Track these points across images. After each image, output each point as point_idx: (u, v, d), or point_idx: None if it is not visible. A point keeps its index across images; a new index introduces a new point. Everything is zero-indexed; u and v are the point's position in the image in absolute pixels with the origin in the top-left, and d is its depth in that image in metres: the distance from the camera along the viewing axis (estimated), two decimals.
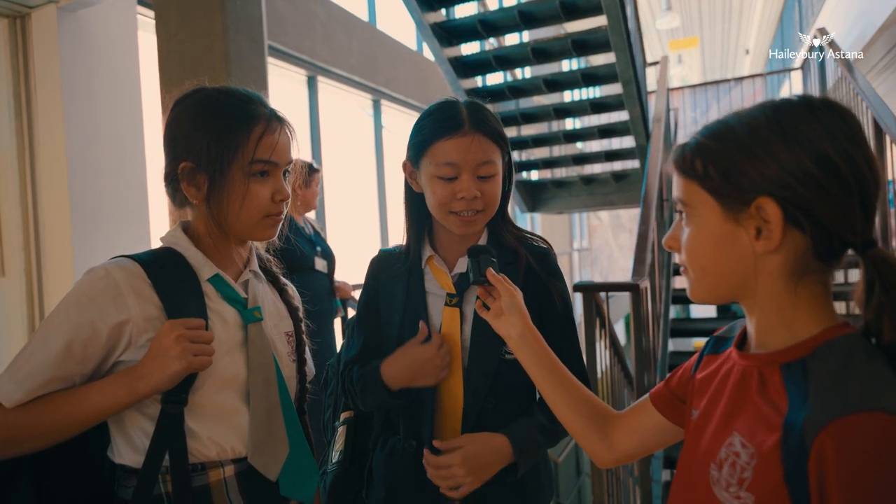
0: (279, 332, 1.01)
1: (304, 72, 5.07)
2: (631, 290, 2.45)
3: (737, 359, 0.69)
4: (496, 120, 1.07)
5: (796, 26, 8.49)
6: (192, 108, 0.90)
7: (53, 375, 0.81)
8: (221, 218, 0.90)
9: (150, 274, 0.86)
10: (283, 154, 0.92)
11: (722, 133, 0.65)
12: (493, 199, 1.05)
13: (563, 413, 0.89)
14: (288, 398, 0.97)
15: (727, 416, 0.65)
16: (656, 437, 0.84)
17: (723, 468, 0.62)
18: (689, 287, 0.71)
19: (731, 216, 0.64)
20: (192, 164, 0.89)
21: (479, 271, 0.96)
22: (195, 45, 2.55)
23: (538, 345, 0.92)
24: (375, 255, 1.19)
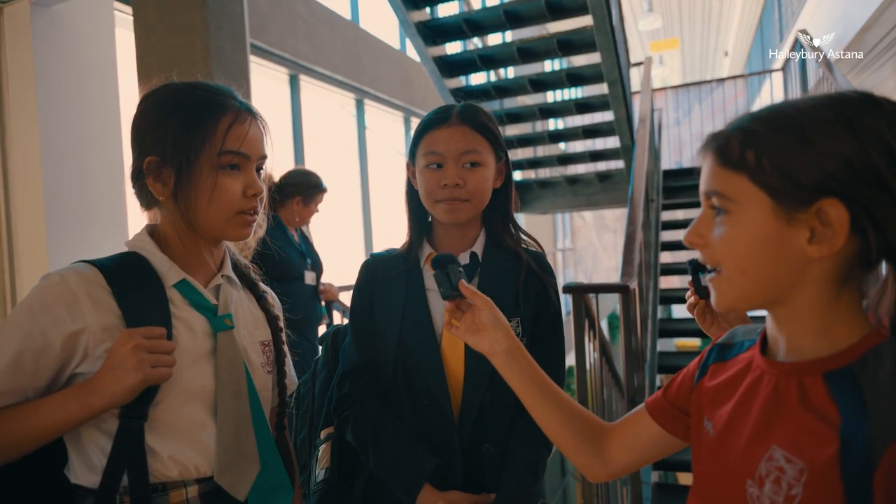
0: (253, 341, 0.95)
1: (286, 70, 4.99)
2: (621, 291, 2.43)
3: (765, 367, 0.64)
4: (489, 118, 1.10)
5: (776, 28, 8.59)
6: (159, 101, 0.86)
7: (2, 388, 0.76)
8: (190, 214, 0.84)
9: (109, 280, 0.81)
10: (254, 146, 0.87)
11: (777, 121, 0.59)
12: (478, 188, 1.06)
13: (554, 430, 0.83)
14: (260, 412, 0.91)
15: (762, 428, 0.61)
16: (653, 448, 0.80)
17: (764, 485, 0.58)
18: (717, 291, 0.64)
19: (784, 216, 0.58)
20: (158, 157, 0.84)
21: (451, 284, 0.85)
22: (175, 42, 2.49)
23: (525, 360, 0.85)
24: (367, 259, 1.16)
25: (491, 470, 1.06)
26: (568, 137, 5.43)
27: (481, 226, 1.14)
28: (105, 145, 3.10)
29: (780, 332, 0.64)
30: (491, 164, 1.08)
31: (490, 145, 1.08)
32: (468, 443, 1.06)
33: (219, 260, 0.94)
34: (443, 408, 1.05)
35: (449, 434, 1.05)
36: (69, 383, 0.80)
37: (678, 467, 3.02)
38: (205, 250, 0.90)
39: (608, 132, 5.01)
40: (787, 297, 0.61)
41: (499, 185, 1.12)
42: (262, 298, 1.00)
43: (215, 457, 0.84)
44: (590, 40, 3.84)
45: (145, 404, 0.79)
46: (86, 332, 0.78)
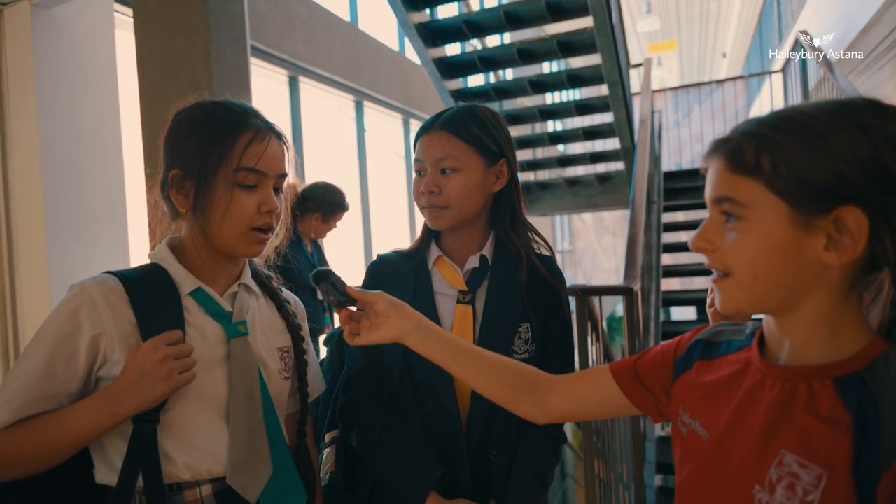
0: (271, 348, 0.97)
1: (285, 72, 4.98)
2: (624, 293, 2.42)
3: (767, 370, 0.64)
4: (478, 122, 1.07)
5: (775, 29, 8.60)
6: (187, 117, 0.91)
7: (37, 395, 0.80)
8: (205, 226, 0.88)
9: (128, 290, 0.85)
10: (271, 164, 0.90)
11: (792, 127, 0.58)
12: (456, 195, 1.05)
13: (488, 387, 0.85)
14: (274, 417, 0.93)
15: (768, 432, 0.61)
16: (602, 407, 0.82)
17: (775, 490, 0.58)
18: (724, 294, 0.64)
19: (801, 222, 0.58)
20: (181, 171, 0.88)
21: (339, 290, 0.85)
22: (176, 43, 2.47)
23: (436, 330, 0.87)
24: (374, 260, 1.16)
25: (498, 477, 1.05)
26: (568, 139, 5.42)
27: (490, 228, 1.13)
28: (105, 148, 3.08)
29: (784, 336, 0.64)
30: (474, 169, 1.06)
31: (475, 149, 1.06)
32: (476, 450, 1.04)
33: (237, 270, 0.96)
34: (451, 414, 1.03)
35: (457, 440, 1.03)
36: (97, 387, 0.84)
37: None
38: (222, 262, 0.93)
39: (608, 134, 5.00)
40: (796, 302, 0.61)
41: (499, 187, 1.10)
42: (282, 307, 1.02)
43: (227, 459, 0.86)
44: (590, 41, 3.83)
45: (157, 409, 0.82)
46: (104, 337, 0.82)
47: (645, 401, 0.79)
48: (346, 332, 0.87)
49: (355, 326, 0.87)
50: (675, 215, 5.66)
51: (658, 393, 0.78)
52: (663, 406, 0.78)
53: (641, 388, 0.79)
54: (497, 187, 1.09)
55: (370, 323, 0.86)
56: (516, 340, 1.06)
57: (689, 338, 0.77)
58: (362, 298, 0.86)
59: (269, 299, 1.02)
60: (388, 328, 0.85)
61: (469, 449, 1.04)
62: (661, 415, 0.79)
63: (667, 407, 0.77)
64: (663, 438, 3.25)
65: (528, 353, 1.06)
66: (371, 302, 0.86)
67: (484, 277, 1.09)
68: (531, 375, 0.86)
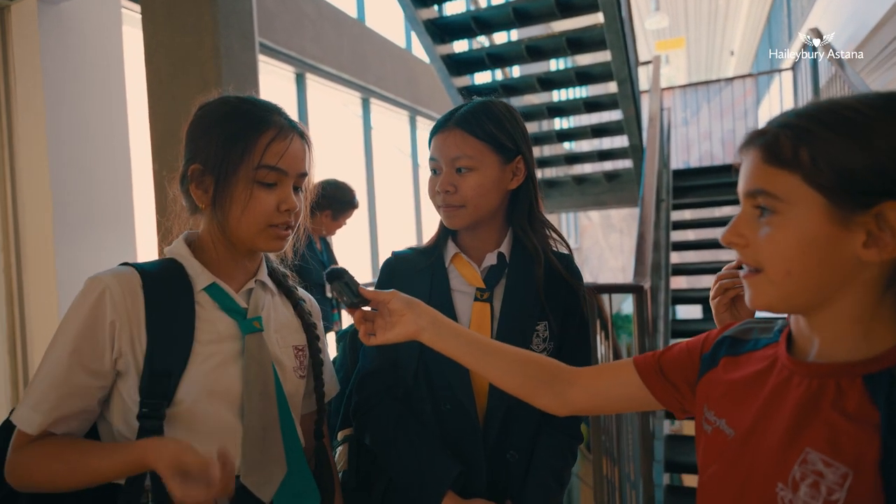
0: (286, 345, 0.96)
1: (292, 69, 4.97)
2: (635, 291, 2.40)
3: (794, 367, 0.62)
4: (494, 119, 1.05)
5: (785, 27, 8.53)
6: (210, 112, 0.90)
7: (67, 391, 0.80)
8: (224, 222, 0.88)
9: (145, 283, 0.85)
10: (292, 163, 0.89)
11: (832, 120, 0.57)
12: (472, 194, 1.03)
13: (506, 380, 0.84)
14: (289, 415, 0.91)
15: (793, 430, 0.59)
16: (624, 401, 0.81)
17: (799, 489, 0.57)
18: (754, 290, 0.62)
19: (839, 218, 0.56)
20: (201, 166, 0.88)
21: (353, 291, 0.84)
22: (184, 40, 2.47)
23: (453, 325, 0.86)
24: (389, 258, 1.14)
25: (515, 477, 1.04)
26: (576, 136, 5.39)
27: (507, 226, 1.11)
28: (112, 144, 3.08)
29: (813, 334, 0.62)
30: (490, 167, 1.04)
31: (490, 147, 1.04)
32: (493, 449, 1.03)
33: (255, 266, 0.96)
34: (468, 412, 1.02)
35: (474, 440, 1.02)
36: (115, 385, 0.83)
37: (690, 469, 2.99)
38: (239, 258, 0.92)
39: (616, 131, 4.97)
40: (829, 299, 0.59)
41: (515, 185, 1.08)
42: (298, 305, 1.01)
43: (241, 457, 0.85)
44: (599, 38, 3.80)
45: (162, 406, 0.81)
46: (117, 325, 0.81)
47: (668, 395, 0.78)
48: (361, 333, 0.86)
49: (370, 326, 0.86)
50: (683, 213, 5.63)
51: (682, 388, 0.77)
52: (687, 402, 0.77)
53: (665, 383, 0.78)
54: (514, 185, 1.08)
55: (385, 322, 0.85)
56: (534, 339, 1.05)
57: (717, 334, 0.76)
58: (375, 298, 0.85)
59: (285, 297, 1.01)
60: (404, 326, 0.84)
61: (486, 448, 1.02)
62: (684, 410, 0.78)
63: (690, 403, 0.76)
64: (671, 437, 3.23)
65: (545, 352, 1.05)
66: (385, 301, 0.85)
67: (502, 275, 1.08)
68: (551, 367, 0.85)
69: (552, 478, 1.04)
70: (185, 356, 0.83)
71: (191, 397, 0.82)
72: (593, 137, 5.23)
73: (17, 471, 0.80)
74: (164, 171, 2.50)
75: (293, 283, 1.04)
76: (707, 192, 5.25)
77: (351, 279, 0.85)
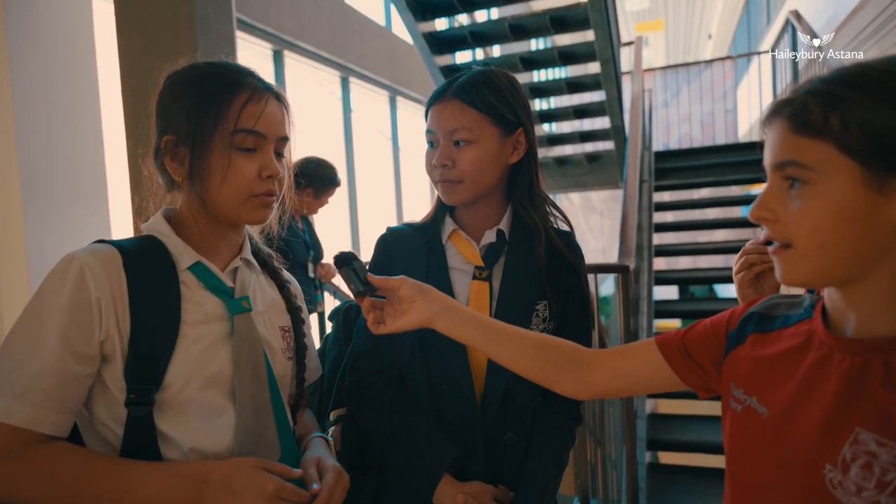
0: (273, 326, 0.91)
1: (269, 45, 4.85)
2: (620, 271, 2.39)
3: (834, 343, 0.60)
4: (494, 89, 1.00)
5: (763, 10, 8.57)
6: (178, 79, 0.84)
7: (61, 379, 0.72)
8: (204, 195, 0.82)
9: (125, 261, 0.78)
10: (271, 126, 0.83)
11: (862, 83, 0.54)
12: (470, 168, 0.99)
13: (528, 367, 0.82)
14: (279, 398, 0.88)
15: (839, 409, 0.57)
16: (647, 381, 0.79)
17: (849, 470, 0.54)
18: (785, 266, 0.60)
19: (875, 184, 0.54)
20: (174, 136, 0.82)
21: (360, 279, 0.80)
22: (157, 10, 2.37)
23: (466, 311, 0.83)
24: (385, 233, 1.10)
25: (512, 459, 1.02)
26: (558, 117, 5.37)
27: (507, 201, 1.07)
28: (84, 120, 2.97)
29: (849, 309, 0.60)
30: (490, 140, 0.99)
31: (490, 120, 0.99)
32: (490, 431, 1.00)
33: (238, 243, 0.90)
34: (466, 394, 0.99)
35: (471, 421, 0.99)
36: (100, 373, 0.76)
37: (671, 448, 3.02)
38: (223, 233, 0.87)
39: (598, 112, 4.96)
40: (866, 272, 0.57)
41: (516, 159, 1.03)
42: (284, 287, 0.96)
43: (234, 442, 0.81)
44: (583, 17, 3.77)
45: (151, 391, 0.75)
46: (102, 303, 0.75)
47: (693, 375, 0.76)
48: (369, 321, 0.82)
49: (379, 314, 0.82)
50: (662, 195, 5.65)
51: (708, 368, 0.75)
52: (713, 381, 0.75)
53: (690, 363, 0.76)
54: (514, 159, 1.03)
55: (394, 309, 0.82)
56: (534, 318, 1.02)
57: (742, 311, 0.73)
58: (384, 286, 0.81)
59: (270, 278, 0.97)
60: (416, 313, 0.81)
61: (483, 430, 1.00)
62: (709, 390, 0.76)
63: (716, 382, 0.74)
64: (654, 416, 3.27)
65: (545, 332, 1.02)
66: (394, 288, 0.81)
67: (501, 253, 1.04)
68: (570, 350, 0.83)
69: (551, 460, 1.02)
70: (172, 339, 0.78)
71: (180, 381, 0.77)
72: (575, 119, 5.21)
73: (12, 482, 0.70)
74: (138, 147, 2.41)
75: (278, 264, 0.99)
76: (686, 174, 5.28)
77: (360, 266, 0.81)
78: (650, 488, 2.75)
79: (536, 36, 4.15)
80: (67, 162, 2.87)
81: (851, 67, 0.57)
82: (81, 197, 2.92)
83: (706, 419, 3.16)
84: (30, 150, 2.72)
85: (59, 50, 2.87)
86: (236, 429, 0.81)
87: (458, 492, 0.94)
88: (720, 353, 0.73)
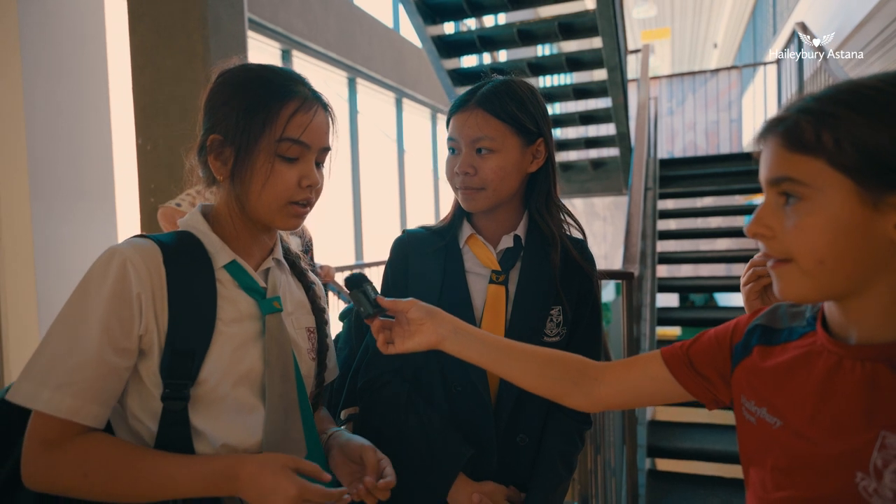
0: (300, 327, 0.93)
1: (278, 45, 4.88)
2: (624, 277, 2.40)
3: (843, 352, 0.61)
4: (516, 99, 1.02)
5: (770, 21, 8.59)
6: (230, 79, 0.86)
7: (101, 371, 0.74)
8: (243, 197, 0.84)
9: (165, 256, 0.80)
10: (315, 136, 0.85)
11: (852, 99, 0.56)
12: (492, 176, 1.01)
13: (532, 382, 0.83)
14: (305, 397, 0.90)
15: (861, 416, 0.58)
16: (652, 395, 0.80)
17: (883, 476, 0.55)
18: (783, 281, 0.60)
19: (869, 200, 0.55)
20: (221, 136, 0.84)
21: (370, 300, 0.83)
22: (170, 8, 2.39)
23: (473, 332, 0.84)
24: (401, 235, 1.11)
25: (524, 460, 1.03)
26: (564, 123, 5.38)
27: (524, 208, 1.09)
28: (94, 115, 2.99)
29: (850, 322, 0.61)
30: (512, 149, 1.01)
31: (512, 129, 1.01)
32: (503, 432, 1.02)
33: (271, 243, 0.92)
34: (481, 395, 1.00)
35: (486, 422, 1.00)
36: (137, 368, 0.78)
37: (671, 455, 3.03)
38: (257, 234, 0.89)
39: (604, 119, 4.97)
40: (864, 286, 0.58)
41: (535, 168, 1.06)
42: (310, 289, 0.98)
43: (262, 438, 0.82)
44: (591, 24, 3.78)
45: (186, 386, 0.77)
46: (142, 297, 0.77)
47: (699, 388, 0.76)
48: (379, 342, 0.84)
49: (388, 335, 0.84)
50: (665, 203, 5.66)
51: (714, 380, 0.75)
52: (720, 393, 0.75)
53: (695, 376, 0.76)
54: (533, 168, 1.05)
55: (403, 331, 0.84)
56: (548, 323, 1.03)
57: (746, 322, 0.74)
58: (394, 308, 0.83)
59: (297, 280, 0.98)
60: (424, 335, 0.83)
61: (497, 430, 1.01)
62: (717, 401, 0.76)
63: (724, 394, 0.75)
64: (654, 423, 3.28)
65: (559, 337, 1.04)
66: (403, 310, 0.83)
67: (517, 258, 1.06)
68: (577, 364, 0.84)
69: (561, 463, 1.03)
70: (208, 335, 0.79)
71: (215, 378, 0.79)
72: (581, 125, 5.23)
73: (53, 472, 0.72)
74: (147, 145, 2.43)
75: (306, 266, 1.01)
76: (690, 182, 5.29)
77: (371, 287, 0.83)
78: (650, 495, 2.75)
79: (544, 42, 4.17)
80: (76, 159, 2.89)
81: (843, 85, 0.58)
82: (89, 193, 2.94)
83: (706, 427, 3.16)
84: (39, 147, 2.74)
85: (70, 48, 2.89)
86: (265, 426, 0.83)
87: (474, 491, 0.96)
88: (726, 365, 0.74)
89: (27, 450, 0.73)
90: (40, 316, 2.77)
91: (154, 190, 2.39)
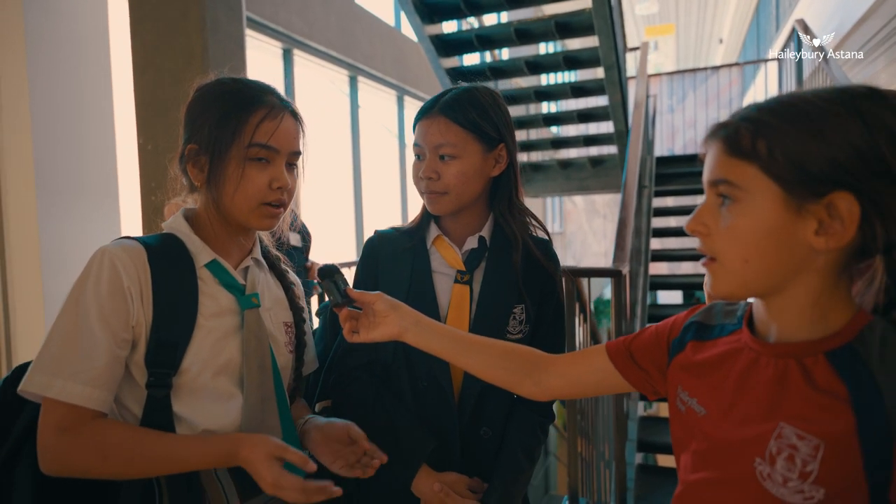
0: (278, 322, 1.00)
1: (279, 44, 4.92)
2: (613, 275, 2.44)
3: (760, 349, 0.66)
4: (478, 107, 1.06)
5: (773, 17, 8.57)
6: (206, 93, 0.93)
7: (110, 360, 0.81)
8: (219, 200, 0.91)
9: (150, 256, 0.87)
10: (284, 141, 0.92)
11: (788, 113, 0.60)
12: (454, 181, 1.05)
13: (488, 373, 0.89)
14: (282, 388, 0.96)
15: (767, 407, 0.63)
16: (597, 386, 0.86)
17: (776, 462, 0.60)
18: (714, 278, 0.66)
19: (793, 206, 0.59)
20: (197, 146, 0.91)
21: (340, 291, 0.88)
22: (170, 11, 2.44)
23: (433, 325, 0.90)
24: (372, 236, 1.16)
25: (487, 453, 1.08)
26: (562, 121, 5.42)
27: (489, 210, 1.13)
28: (97, 115, 3.05)
29: (771, 318, 0.66)
30: (473, 155, 1.05)
31: (474, 136, 1.05)
32: (467, 425, 1.07)
33: (249, 244, 0.99)
34: (444, 390, 1.05)
35: (449, 416, 1.05)
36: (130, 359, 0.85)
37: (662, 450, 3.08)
38: (235, 235, 0.96)
39: (602, 117, 5.00)
40: (785, 286, 0.62)
41: (497, 172, 1.10)
42: (289, 289, 1.05)
43: (241, 425, 0.89)
44: (588, 23, 3.81)
45: (169, 375, 0.84)
46: (132, 291, 0.84)
47: (639, 379, 0.81)
48: (345, 330, 0.89)
49: (354, 324, 0.90)
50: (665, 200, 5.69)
51: (652, 372, 0.80)
52: (658, 384, 0.80)
53: (636, 368, 0.81)
54: (496, 172, 1.09)
55: (369, 322, 0.89)
56: (511, 321, 1.08)
57: (684, 319, 0.79)
58: (361, 299, 0.89)
59: (277, 279, 1.05)
60: (387, 326, 0.88)
61: (460, 424, 1.06)
62: (656, 392, 0.82)
63: (662, 385, 0.80)
64: (644, 418, 3.32)
65: (521, 334, 1.08)
66: (370, 302, 0.89)
67: (482, 258, 1.10)
68: (530, 356, 0.89)
69: (523, 454, 1.08)
70: (189, 328, 0.86)
71: (196, 368, 0.85)
72: (579, 122, 5.26)
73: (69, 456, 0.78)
74: (148, 143, 2.49)
75: (285, 267, 1.08)
76: (690, 180, 5.32)
77: (341, 278, 0.89)
78: (641, 489, 2.80)
79: (542, 40, 4.20)
80: (80, 158, 2.95)
81: (784, 97, 0.62)
82: (93, 192, 3.00)
83: None
84: (44, 146, 2.80)
85: (74, 49, 2.95)
86: (243, 414, 0.89)
87: (435, 481, 1.01)
88: (663, 359, 0.79)
89: (42, 437, 0.79)
90: (46, 308, 2.84)
91: (155, 188, 2.45)
